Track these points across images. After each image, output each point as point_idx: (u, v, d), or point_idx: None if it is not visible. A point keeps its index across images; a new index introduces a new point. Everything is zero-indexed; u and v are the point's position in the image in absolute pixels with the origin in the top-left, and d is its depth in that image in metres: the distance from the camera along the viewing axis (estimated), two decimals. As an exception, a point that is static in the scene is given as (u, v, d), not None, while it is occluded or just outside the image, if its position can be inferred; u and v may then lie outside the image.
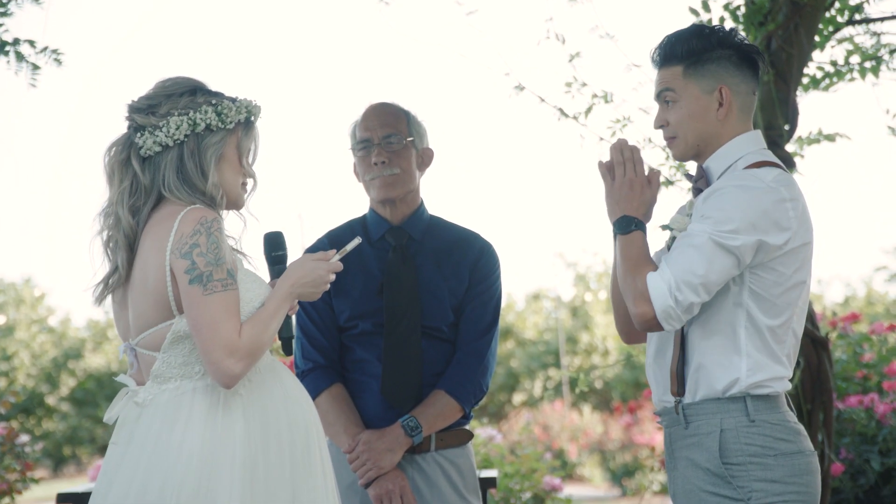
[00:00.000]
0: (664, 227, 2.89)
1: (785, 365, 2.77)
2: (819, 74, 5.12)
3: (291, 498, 2.71)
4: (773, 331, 2.75)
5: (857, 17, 5.02)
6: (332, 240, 3.58)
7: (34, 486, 6.35)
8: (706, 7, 4.92)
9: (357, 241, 2.92)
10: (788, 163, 4.80)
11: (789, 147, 4.96)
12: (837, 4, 4.95)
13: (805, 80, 5.05)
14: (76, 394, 20.44)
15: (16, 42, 4.40)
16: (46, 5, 4.39)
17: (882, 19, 5.06)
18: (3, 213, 27.42)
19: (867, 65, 5.07)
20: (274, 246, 2.90)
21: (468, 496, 3.51)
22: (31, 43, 4.40)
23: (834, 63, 5.11)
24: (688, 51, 2.85)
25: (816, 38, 4.90)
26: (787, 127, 4.88)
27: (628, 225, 2.78)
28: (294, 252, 2.92)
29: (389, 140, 3.54)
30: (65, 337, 21.42)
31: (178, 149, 2.73)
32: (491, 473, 4.75)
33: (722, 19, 4.88)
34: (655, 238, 2.95)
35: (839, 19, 4.99)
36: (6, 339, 20.38)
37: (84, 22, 25.17)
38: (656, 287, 2.68)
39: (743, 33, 3.20)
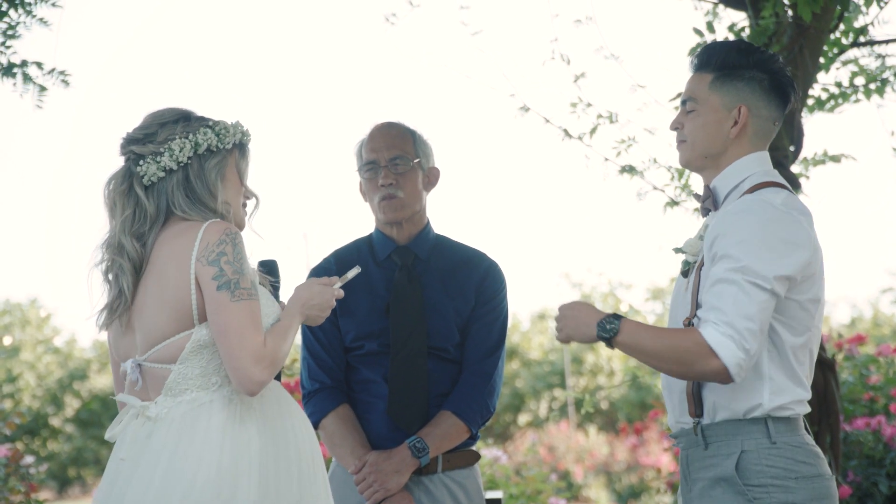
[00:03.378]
0: (677, 251, 2.87)
1: (805, 387, 2.74)
2: (824, 96, 5.13)
3: None
4: (796, 351, 2.72)
5: (862, 39, 5.03)
6: (339, 259, 3.59)
7: (39, 508, 6.34)
8: (711, 28, 4.93)
9: (357, 269, 2.98)
10: (794, 184, 4.81)
11: (795, 168, 4.96)
12: (842, 27, 4.96)
13: (810, 102, 5.06)
14: (81, 415, 20.38)
15: (24, 64, 4.40)
16: (55, 27, 4.40)
17: (887, 42, 5.07)
18: (8, 233, 27.47)
19: (872, 86, 5.08)
20: (268, 274, 2.93)
21: (474, 518, 3.50)
22: (39, 65, 4.40)
23: (839, 84, 5.11)
24: (722, 62, 2.84)
25: (821, 60, 4.90)
26: (792, 148, 4.88)
27: (606, 330, 2.68)
28: (300, 270, 2.95)
29: (396, 162, 3.54)
30: (70, 358, 21.37)
31: (182, 171, 2.77)
32: (496, 495, 4.74)
33: (726, 40, 4.89)
34: (670, 262, 2.94)
35: (844, 41, 5.00)
36: (11, 360, 20.35)
37: (82, 30, 25.20)
38: (721, 343, 2.58)
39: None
